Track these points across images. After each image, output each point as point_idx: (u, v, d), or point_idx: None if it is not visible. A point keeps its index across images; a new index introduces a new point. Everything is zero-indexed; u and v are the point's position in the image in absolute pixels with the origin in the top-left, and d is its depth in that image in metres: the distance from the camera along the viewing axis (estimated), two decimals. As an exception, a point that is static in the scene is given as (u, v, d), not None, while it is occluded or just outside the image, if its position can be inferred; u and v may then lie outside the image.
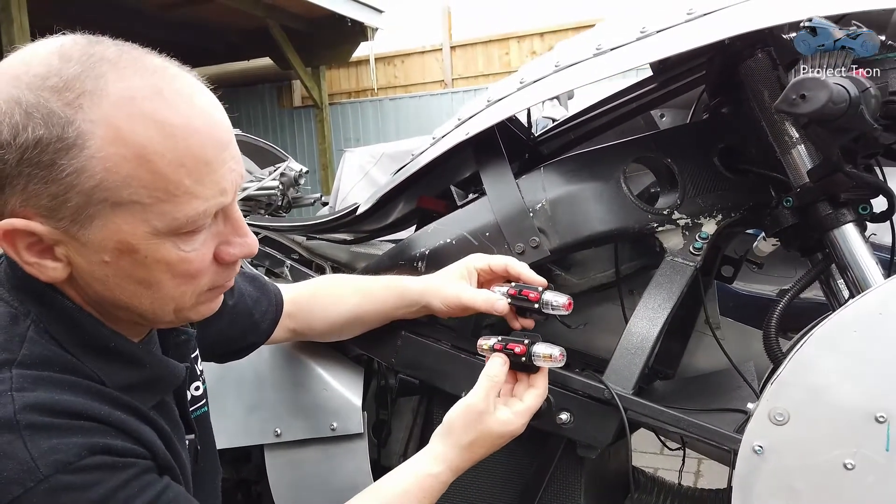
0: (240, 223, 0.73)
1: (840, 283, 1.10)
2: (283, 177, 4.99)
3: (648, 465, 1.78)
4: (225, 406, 1.23)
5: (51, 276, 0.67)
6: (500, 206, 1.13)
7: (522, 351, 0.92)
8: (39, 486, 0.59)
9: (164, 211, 0.64)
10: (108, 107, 0.61)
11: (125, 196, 0.63)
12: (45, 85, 0.61)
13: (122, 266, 0.66)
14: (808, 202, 1.01)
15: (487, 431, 0.89)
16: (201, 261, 0.70)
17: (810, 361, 0.86)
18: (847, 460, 0.84)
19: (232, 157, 0.69)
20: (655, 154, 1.15)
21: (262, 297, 1.09)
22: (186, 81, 0.67)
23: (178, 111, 0.64)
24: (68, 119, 0.60)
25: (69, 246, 0.65)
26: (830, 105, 0.80)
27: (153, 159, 0.62)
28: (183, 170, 0.64)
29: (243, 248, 0.73)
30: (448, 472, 0.91)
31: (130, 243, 0.65)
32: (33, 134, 0.60)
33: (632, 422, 0.99)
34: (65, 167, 0.61)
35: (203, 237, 0.69)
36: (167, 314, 0.72)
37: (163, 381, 0.78)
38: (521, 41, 9.25)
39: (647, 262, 1.27)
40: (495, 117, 1.12)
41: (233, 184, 0.69)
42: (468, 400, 0.91)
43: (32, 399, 0.62)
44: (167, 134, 0.63)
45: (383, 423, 1.29)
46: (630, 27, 1.03)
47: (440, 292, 1.05)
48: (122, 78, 0.63)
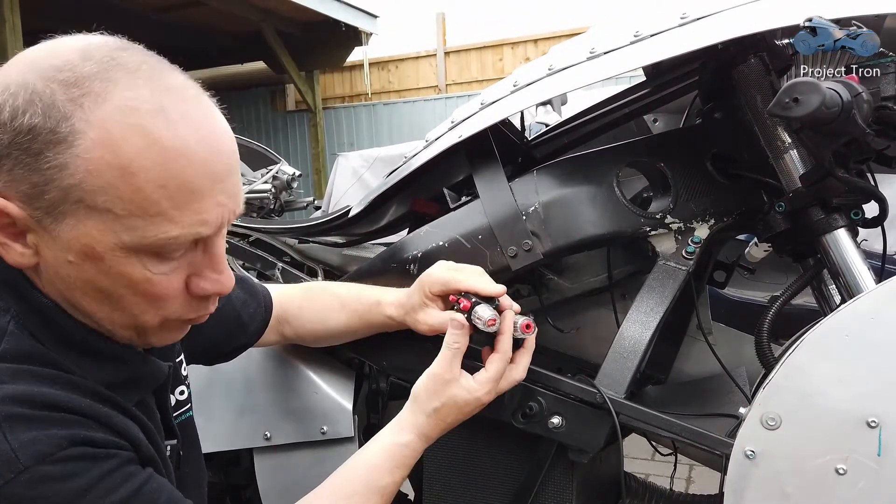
0: (218, 258, 0.71)
1: (832, 289, 1.10)
2: (275, 180, 4.98)
3: (640, 471, 1.77)
4: (213, 409, 1.22)
5: (16, 261, 0.66)
6: (492, 209, 1.13)
7: (465, 307, 0.94)
8: (20, 477, 0.59)
9: (134, 226, 0.63)
10: (108, 111, 0.61)
11: (100, 202, 0.62)
12: (56, 77, 0.61)
13: (85, 270, 0.65)
14: (801, 207, 1.01)
15: (452, 398, 0.90)
16: (167, 286, 0.68)
17: (802, 366, 0.85)
18: (839, 465, 0.83)
19: (224, 190, 0.67)
20: (648, 158, 1.15)
21: (249, 298, 1.08)
22: (200, 107, 0.66)
23: (176, 133, 0.63)
24: (66, 114, 0.60)
25: (40, 236, 0.65)
26: (823, 109, 0.80)
27: (136, 173, 0.61)
28: (163, 191, 0.63)
29: (215, 285, 0.71)
30: (417, 440, 0.91)
31: (96, 250, 0.64)
32: (29, 120, 0.60)
33: (624, 426, 0.99)
34: (49, 159, 0.61)
35: (175, 263, 0.68)
36: (125, 330, 0.71)
37: (144, 378, 0.77)
38: (514, 47, 9.28)
39: (639, 266, 1.27)
40: (489, 120, 1.12)
41: (219, 218, 0.67)
42: (432, 369, 0.92)
43: (12, 391, 0.61)
44: (157, 152, 0.62)
45: (374, 426, 1.28)
46: (624, 31, 1.03)
47: (415, 324, 1.04)
48: (131, 87, 0.62)
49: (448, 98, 9.41)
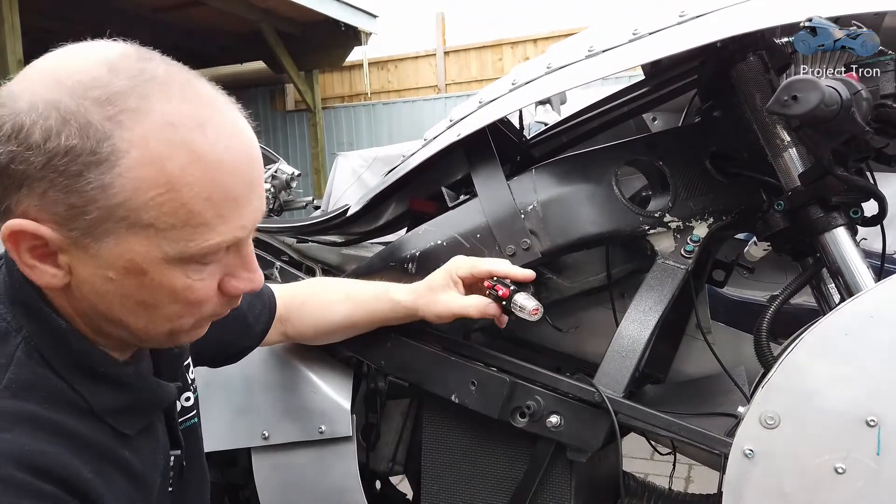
0: (250, 258, 0.72)
1: (831, 288, 1.10)
2: (274, 179, 4.98)
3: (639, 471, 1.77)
4: (212, 409, 1.21)
5: (47, 283, 0.65)
6: (491, 207, 1.12)
7: (505, 294, 0.98)
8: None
9: (178, 238, 0.63)
10: (148, 128, 0.60)
11: (145, 219, 0.61)
12: (87, 94, 0.59)
13: (126, 285, 0.65)
14: (800, 206, 1.01)
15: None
16: (206, 290, 0.69)
17: (801, 365, 0.85)
18: (838, 464, 0.83)
19: (258, 196, 0.68)
20: (647, 157, 1.15)
21: (255, 300, 1.08)
22: (231, 116, 0.67)
23: (215, 147, 0.63)
24: (105, 134, 0.59)
25: (74, 256, 0.64)
26: (822, 107, 0.80)
27: (181, 189, 0.61)
28: (208, 203, 0.63)
29: (249, 284, 0.72)
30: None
31: (140, 265, 0.64)
32: (66, 142, 0.58)
33: (622, 425, 0.98)
34: (91, 181, 0.59)
35: (212, 268, 0.68)
36: (159, 336, 0.71)
37: (151, 403, 0.77)
38: (514, 47, 9.28)
39: (638, 265, 1.27)
40: (487, 118, 1.12)
41: (253, 221, 0.68)
42: None
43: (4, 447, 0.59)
44: (201, 167, 0.62)
45: (372, 426, 1.28)
46: (622, 29, 1.03)
47: (431, 307, 1.05)
48: (168, 100, 0.61)
49: (448, 98, 9.40)
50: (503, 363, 1.07)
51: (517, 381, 1.02)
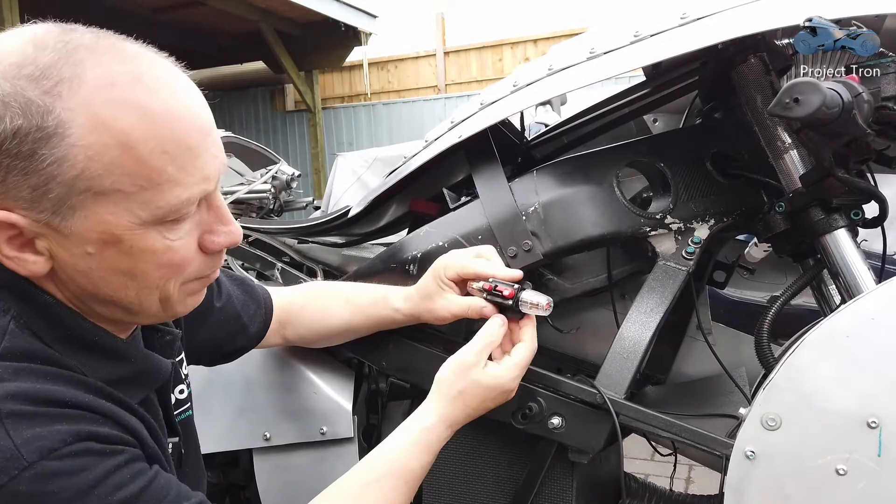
0: (223, 211, 0.72)
1: (832, 289, 1.10)
2: (274, 180, 4.97)
3: (639, 472, 1.77)
4: (213, 410, 1.22)
5: (31, 271, 0.65)
6: (492, 209, 1.13)
7: (510, 295, 0.94)
8: (24, 474, 0.58)
9: (147, 199, 0.63)
10: (88, 93, 0.60)
11: (108, 185, 0.61)
12: (20, 74, 0.59)
13: (106, 257, 0.65)
14: (801, 207, 1.01)
15: (476, 382, 0.90)
16: (186, 249, 0.69)
17: (803, 366, 0.85)
18: (839, 466, 0.83)
19: (214, 143, 0.68)
20: (648, 158, 1.15)
21: (249, 300, 1.08)
22: (166, 67, 0.66)
23: (159, 97, 0.63)
24: (47, 108, 0.59)
25: (51, 238, 0.64)
26: (824, 109, 0.80)
27: (136, 146, 0.61)
28: (166, 156, 0.63)
29: (228, 237, 0.72)
30: (441, 424, 0.90)
31: (114, 234, 0.64)
32: (11, 124, 0.59)
33: (624, 427, 0.98)
34: (45, 157, 0.59)
35: (187, 226, 0.68)
36: (153, 305, 0.71)
37: (148, 375, 0.77)
38: (514, 48, 9.29)
39: (638, 266, 1.27)
40: (488, 120, 1.12)
41: (215, 170, 0.68)
42: (458, 355, 0.91)
43: (13, 388, 0.61)
44: (149, 120, 0.62)
45: (373, 427, 1.28)
46: (624, 31, 1.03)
47: (430, 313, 1.03)
48: (100, 64, 0.61)
49: (447, 98, 9.41)
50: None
51: (519, 383, 1.02)
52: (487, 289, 0.98)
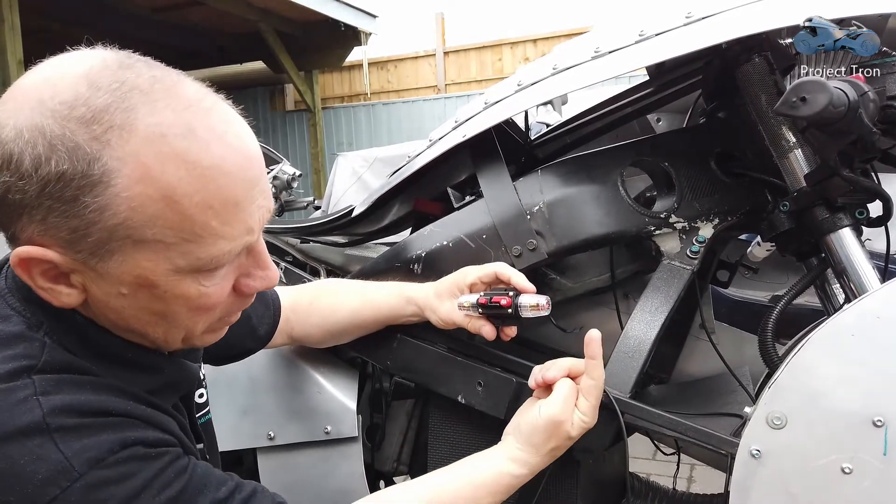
0: (263, 256, 0.71)
1: (836, 288, 1.10)
2: (276, 180, 4.97)
3: (641, 471, 1.77)
4: (217, 409, 1.21)
5: (64, 302, 0.65)
6: (496, 208, 1.13)
7: (508, 303, 0.95)
8: (76, 485, 0.59)
9: (188, 251, 0.62)
10: (137, 143, 0.59)
11: (149, 235, 0.61)
12: (71, 115, 0.58)
13: (139, 298, 0.65)
14: (805, 206, 1.01)
15: (567, 435, 0.92)
16: (220, 294, 0.69)
17: (808, 365, 0.85)
18: (845, 464, 0.83)
19: (261, 192, 0.66)
20: (653, 158, 1.15)
21: (258, 302, 1.08)
22: (221, 116, 0.65)
23: (209, 151, 0.61)
24: (94, 155, 0.58)
25: (86, 275, 0.64)
26: (830, 108, 0.80)
27: (180, 200, 0.60)
28: (210, 211, 0.62)
29: (264, 282, 0.72)
30: (528, 475, 0.93)
31: (150, 279, 0.63)
32: (56, 168, 0.57)
33: (629, 425, 0.99)
34: (88, 204, 0.58)
35: (224, 271, 0.68)
36: (176, 342, 0.72)
37: (180, 382, 0.78)
38: (514, 47, 9.29)
39: (642, 266, 1.27)
40: (493, 119, 1.12)
41: (260, 221, 0.67)
42: (551, 411, 0.91)
43: (59, 402, 0.61)
44: (197, 175, 0.60)
45: (377, 426, 1.28)
46: (628, 30, 1.03)
47: (437, 311, 1.05)
48: (153, 112, 0.60)
49: (447, 98, 9.41)
50: (509, 363, 1.07)
51: (523, 382, 1.02)
52: (482, 302, 0.98)
